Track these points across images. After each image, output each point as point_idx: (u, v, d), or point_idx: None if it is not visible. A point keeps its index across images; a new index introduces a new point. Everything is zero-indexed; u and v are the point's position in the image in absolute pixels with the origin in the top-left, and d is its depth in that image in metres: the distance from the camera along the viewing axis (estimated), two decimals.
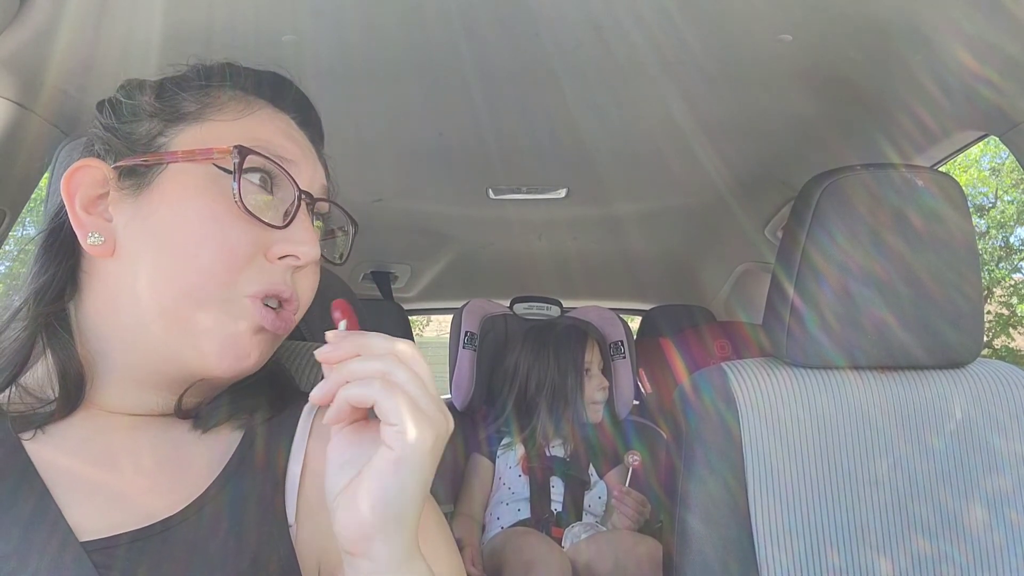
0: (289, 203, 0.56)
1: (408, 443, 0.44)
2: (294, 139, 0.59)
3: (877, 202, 0.89)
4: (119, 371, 0.55)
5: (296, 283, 0.57)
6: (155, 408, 0.56)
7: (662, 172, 1.63)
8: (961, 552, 0.88)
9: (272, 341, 0.56)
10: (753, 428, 0.90)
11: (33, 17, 0.85)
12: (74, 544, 0.47)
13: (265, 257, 0.54)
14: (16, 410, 0.53)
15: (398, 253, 2.31)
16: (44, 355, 0.55)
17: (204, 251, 0.51)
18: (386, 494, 0.44)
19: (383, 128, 1.38)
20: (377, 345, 0.47)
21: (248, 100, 0.58)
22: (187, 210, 0.52)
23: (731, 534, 0.88)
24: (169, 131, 0.55)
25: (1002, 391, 0.93)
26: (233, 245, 0.52)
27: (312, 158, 0.60)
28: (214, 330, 0.52)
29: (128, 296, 0.53)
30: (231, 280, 0.52)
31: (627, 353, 1.83)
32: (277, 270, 0.55)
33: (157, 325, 0.52)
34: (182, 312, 0.52)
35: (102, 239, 0.53)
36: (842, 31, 1.00)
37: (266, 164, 0.55)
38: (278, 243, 0.54)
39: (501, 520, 1.61)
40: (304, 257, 0.55)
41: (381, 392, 0.44)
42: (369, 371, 0.45)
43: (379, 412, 0.45)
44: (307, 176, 0.58)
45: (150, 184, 0.53)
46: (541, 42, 1.03)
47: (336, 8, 0.94)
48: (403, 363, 0.46)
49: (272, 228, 0.54)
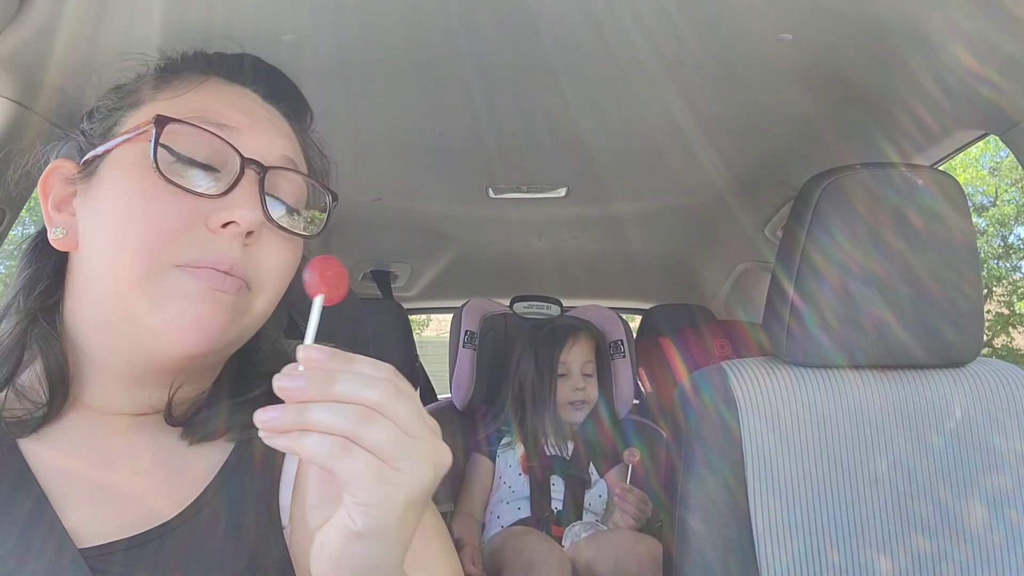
0: (235, 173, 0.52)
1: (371, 517, 0.38)
2: (242, 108, 0.56)
3: (877, 201, 0.89)
4: (100, 367, 0.54)
5: (257, 258, 0.53)
6: (147, 406, 0.55)
7: (662, 172, 1.63)
8: (961, 551, 0.88)
9: (231, 309, 0.51)
10: (753, 427, 0.90)
11: (33, 16, 0.85)
12: (71, 546, 0.47)
13: (207, 227, 0.51)
14: (12, 414, 0.52)
15: (398, 252, 2.32)
16: (37, 359, 0.54)
17: (132, 228, 0.50)
18: (345, 562, 0.40)
19: (383, 127, 1.38)
20: (349, 392, 0.39)
21: (198, 79, 0.57)
22: (118, 190, 0.51)
23: (731, 533, 0.88)
24: (122, 120, 0.55)
25: (1002, 390, 0.93)
26: (161, 217, 0.50)
27: (267, 127, 0.57)
28: (158, 307, 0.50)
29: (89, 286, 0.53)
30: (163, 253, 0.49)
31: (627, 352, 1.83)
32: (221, 241, 0.51)
33: (110, 311, 0.51)
34: (125, 294, 0.50)
35: (64, 232, 0.54)
36: (842, 31, 1.00)
37: (193, 132, 0.52)
38: (216, 211, 0.51)
39: (501, 519, 1.61)
40: (243, 221, 0.51)
41: (341, 459, 0.38)
42: (334, 429, 0.38)
43: (338, 477, 0.38)
44: (259, 144, 0.54)
45: (96, 173, 0.53)
46: (541, 41, 1.03)
47: (336, 7, 0.94)
48: (377, 411, 0.39)
49: (207, 198, 0.51)
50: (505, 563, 1.39)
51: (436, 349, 5.54)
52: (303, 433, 0.38)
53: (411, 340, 2.20)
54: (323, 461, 0.38)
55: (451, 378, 1.79)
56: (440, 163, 1.59)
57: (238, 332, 0.53)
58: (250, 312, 0.54)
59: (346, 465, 0.38)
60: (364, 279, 2.41)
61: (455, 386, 1.78)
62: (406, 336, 2.17)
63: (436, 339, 9.23)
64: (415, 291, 2.58)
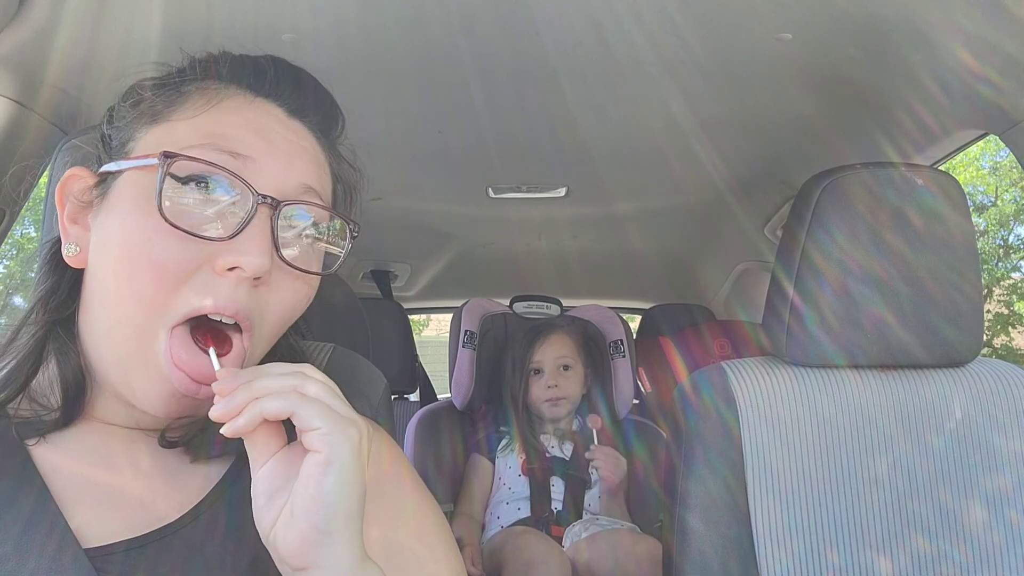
0: (248, 208, 0.49)
1: (334, 442, 0.44)
2: (262, 131, 0.52)
3: (877, 201, 0.89)
4: (103, 383, 0.54)
5: (264, 300, 0.51)
6: (149, 424, 0.55)
7: (662, 171, 1.63)
8: (961, 551, 0.88)
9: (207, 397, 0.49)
10: (753, 427, 0.90)
11: (32, 16, 0.85)
12: (72, 544, 0.47)
13: (213, 270, 0.48)
14: (21, 416, 0.53)
15: (398, 252, 2.32)
16: (48, 362, 0.54)
17: (137, 273, 0.48)
18: (323, 497, 0.44)
19: (383, 127, 1.38)
20: (278, 367, 0.47)
21: (218, 91, 0.53)
22: (124, 225, 0.49)
23: (731, 533, 0.88)
24: (137, 135, 0.52)
25: (1002, 390, 0.93)
26: (164, 261, 0.47)
27: (287, 152, 0.53)
28: (141, 370, 0.49)
29: (95, 310, 0.52)
30: (165, 304, 0.48)
31: (627, 352, 1.82)
32: (226, 284, 0.48)
33: (109, 346, 0.51)
34: (125, 339, 0.49)
35: (76, 249, 0.52)
36: (842, 30, 1.00)
37: (206, 170, 0.49)
38: (223, 254, 0.48)
39: (501, 519, 1.61)
40: (248, 268, 0.48)
41: (298, 402, 0.44)
42: (280, 386, 0.45)
43: (298, 420, 0.44)
44: (271, 173, 0.51)
45: (108, 193, 0.51)
46: (541, 41, 1.03)
47: (336, 7, 0.94)
48: (311, 377, 0.46)
49: (214, 241, 0.48)
50: (505, 563, 1.39)
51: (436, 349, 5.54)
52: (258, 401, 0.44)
53: (411, 340, 2.20)
54: (284, 407, 0.44)
55: (451, 378, 1.79)
56: (440, 163, 1.59)
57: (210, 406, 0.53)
58: (250, 357, 0.53)
59: (304, 405, 0.44)
60: (364, 279, 2.42)
61: (455, 386, 1.78)
62: (406, 336, 2.18)
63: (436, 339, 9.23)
64: (415, 291, 2.58)
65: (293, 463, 0.46)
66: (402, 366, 2.16)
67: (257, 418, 0.44)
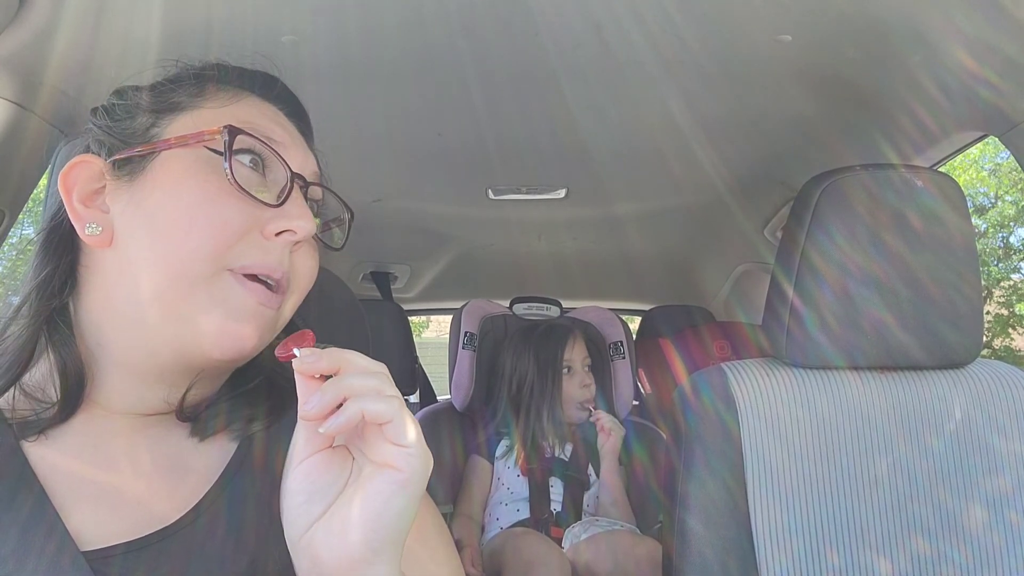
0: (282, 184, 0.56)
1: (416, 466, 0.44)
2: (282, 125, 0.60)
3: (876, 203, 0.89)
4: (119, 365, 0.55)
5: (294, 264, 0.56)
6: (156, 406, 0.56)
7: (662, 172, 1.63)
8: (960, 553, 0.88)
9: (270, 323, 0.55)
10: (752, 429, 0.90)
11: (32, 18, 0.85)
12: (72, 547, 0.47)
13: (262, 235, 0.54)
14: (20, 415, 0.52)
15: (398, 253, 2.32)
16: (46, 353, 0.54)
17: (196, 230, 0.51)
18: (383, 518, 0.44)
19: (383, 128, 1.38)
20: (359, 357, 0.47)
21: (236, 91, 0.59)
22: (180, 192, 0.53)
23: (730, 535, 0.88)
24: (161, 122, 0.56)
25: (1002, 391, 0.93)
26: (225, 221, 0.52)
27: (302, 145, 0.61)
28: (209, 310, 0.51)
29: (126, 284, 0.53)
30: (224, 255, 0.52)
31: (626, 353, 1.83)
32: (274, 248, 0.54)
33: (154, 311, 0.52)
34: (178, 295, 0.51)
35: (100, 229, 0.54)
36: (842, 31, 1.00)
37: (256, 145, 0.55)
38: (273, 220, 0.54)
39: (500, 520, 1.61)
40: (300, 231, 0.54)
41: (398, 411, 0.44)
42: (370, 386, 0.45)
43: (391, 430, 0.44)
44: (298, 160, 0.58)
45: (144, 171, 0.54)
46: (541, 42, 1.03)
47: (335, 8, 0.94)
48: (386, 377, 0.46)
49: (266, 206, 0.54)
50: (505, 564, 1.39)
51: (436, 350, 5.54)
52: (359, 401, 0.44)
53: (410, 341, 2.20)
54: (384, 412, 0.44)
55: (451, 379, 1.79)
56: (440, 164, 1.59)
57: (269, 339, 0.56)
58: (281, 317, 0.57)
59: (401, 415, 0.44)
60: (364, 280, 2.41)
61: (454, 387, 1.78)
62: (405, 337, 2.17)
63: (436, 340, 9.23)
64: (415, 292, 2.58)
65: (339, 466, 0.46)
66: (402, 367, 2.15)
67: (356, 418, 0.44)
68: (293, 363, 0.46)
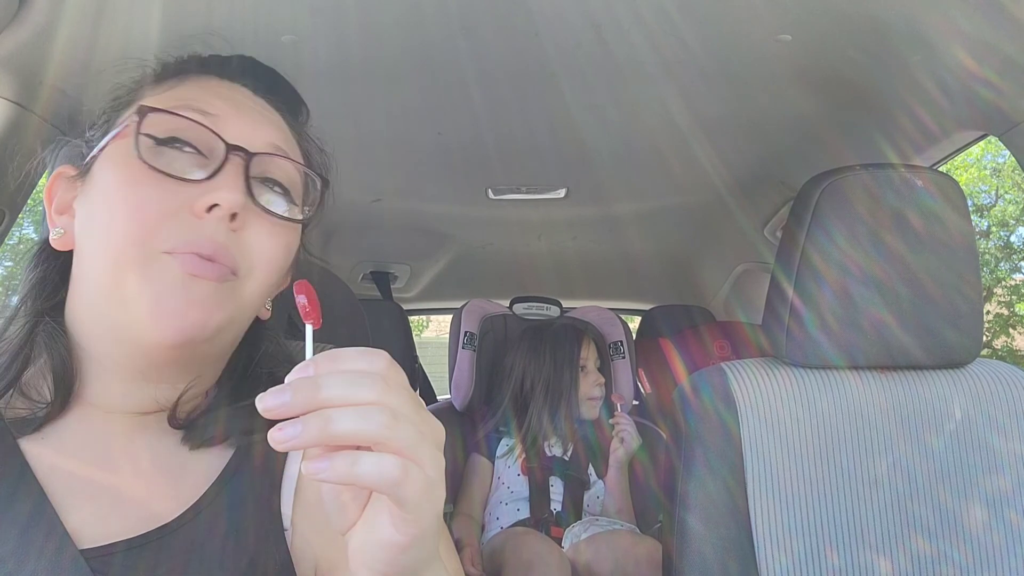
0: (219, 158, 0.53)
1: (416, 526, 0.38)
2: (228, 99, 0.57)
3: (876, 202, 0.89)
4: (100, 363, 0.55)
5: (246, 242, 0.53)
6: (147, 405, 0.55)
7: (661, 172, 1.63)
8: (960, 552, 0.88)
9: (211, 297, 0.51)
10: (752, 428, 0.90)
11: (32, 17, 0.85)
12: (71, 546, 0.47)
13: (193, 213, 0.51)
14: (16, 413, 0.53)
15: (398, 253, 2.31)
16: (40, 355, 0.55)
17: (119, 216, 0.51)
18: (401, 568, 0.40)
19: (383, 128, 1.38)
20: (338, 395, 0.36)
21: (179, 76, 0.59)
22: (106, 182, 0.53)
23: (730, 534, 0.88)
24: (115, 121, 0.57)
25: (1002, 391, 0.93)
26: (142, 202, 0.51)
27: (253, 116, 0.58)
28: (142, 291, 0.50)
29: (84, 280, 0.54)
30: (147, 238, 0.50)
31: (626, 353, 1.83)
32: (206, 225, 0.51)
33: (101, 301, 0.52)
34: (115, 282, 0.51)
35: (62, 232, 0.56)
36: (842, 31, 1.00)
37: (175, 121, 0.53)
38: (201, 195, 0.51)
39: (500, 520, 1.61)
40: (225, 203, 0.51)
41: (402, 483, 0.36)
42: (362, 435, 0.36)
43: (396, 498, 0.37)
44: (240, 131, 0.55)
45: (89, 174, 0.56)
46: (540, 42, 1.03)
47: (335, 8, 0.94)
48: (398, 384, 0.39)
49: (191, 183, 0.52)
50: (505, 564, 1.39)
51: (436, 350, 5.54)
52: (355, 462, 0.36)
53: (410, 341, 2.20)
54: (386, 488, 0.36)
55: (450, 379, 1.79)
56: (440, 164, 1.59)
57: (224, 319, 0.53)
58: (238, 298, 0.54)
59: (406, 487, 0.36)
60: (364, 280, 2.41)
61: (454, 387, 1.78)
62: (405, 337, 2.17)
63: (436, 340, 9.23)
64: (415, 292, 2.58)
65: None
66: (401, 367, 2.15)
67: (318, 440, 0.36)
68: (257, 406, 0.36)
